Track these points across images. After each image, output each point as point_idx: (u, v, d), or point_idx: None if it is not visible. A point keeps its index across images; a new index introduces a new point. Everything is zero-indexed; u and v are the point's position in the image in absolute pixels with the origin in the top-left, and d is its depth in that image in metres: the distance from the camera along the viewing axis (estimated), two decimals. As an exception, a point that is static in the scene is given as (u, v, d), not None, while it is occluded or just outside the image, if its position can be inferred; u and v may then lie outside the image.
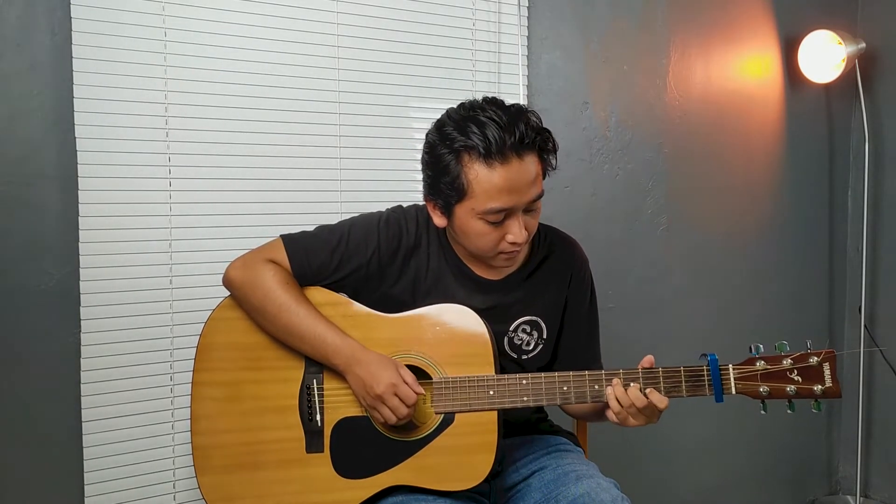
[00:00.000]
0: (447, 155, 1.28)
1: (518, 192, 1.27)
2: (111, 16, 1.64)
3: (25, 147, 1.58)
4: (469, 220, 1.30)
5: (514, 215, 1.29)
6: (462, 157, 1.27)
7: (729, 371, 1.31)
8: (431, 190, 1.34)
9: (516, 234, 1.30)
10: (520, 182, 1.27)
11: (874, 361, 2.69)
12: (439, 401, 1.34)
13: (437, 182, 1.31)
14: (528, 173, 1.27)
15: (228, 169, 1.79)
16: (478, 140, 1.25)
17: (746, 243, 2.60)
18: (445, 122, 1.32)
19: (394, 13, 1.96)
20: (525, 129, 1.26)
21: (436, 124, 1.34)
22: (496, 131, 1.25)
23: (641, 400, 1.28)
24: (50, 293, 1.61)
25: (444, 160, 1.28)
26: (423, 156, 1.35)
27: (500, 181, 1.26)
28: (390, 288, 1.41)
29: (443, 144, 1.29)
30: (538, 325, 1.46)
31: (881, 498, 2.74)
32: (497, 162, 1.25)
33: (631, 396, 1.29)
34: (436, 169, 1.30)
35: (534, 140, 1.27)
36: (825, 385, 1.28)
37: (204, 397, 1.39)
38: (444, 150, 1.29)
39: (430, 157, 1.32)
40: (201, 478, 1.37)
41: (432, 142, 1.32)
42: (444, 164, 1.28)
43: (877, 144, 2.67)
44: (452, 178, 1.28)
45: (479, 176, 1.26)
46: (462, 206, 1.29)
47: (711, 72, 2.47)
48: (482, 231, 1.30)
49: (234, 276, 1.39)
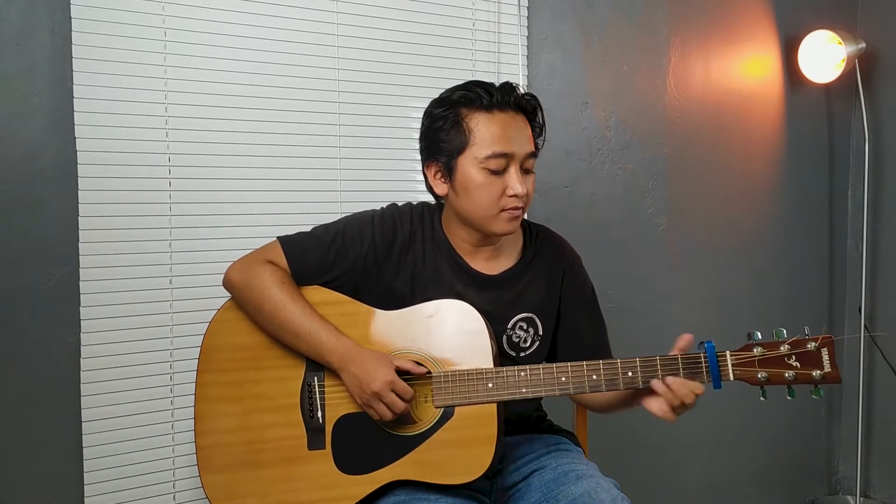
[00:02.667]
0: (446, 111, 1.37)
1: (516, 141, 1.35)
2: (111, 16, 1.64)
3: (25, 147, 1.58)
4: (471, 171, 1.35)
5: (513, 165, 1.35)
6: (461, 111, 1.36)
7: (726, 357, 1.30)
8: (431, 153, 1.40)
9: (516, 186, 1.34)
10: (518, 132, 1.36)
11: (874, 361, 2.69)
12: (439, 395, 1.34)
13: (437, 142, 1.38)
14: (524, 126, 1.38)
15: (228, 169, 1.79)
16: (480, 91, 1.35)
17: (746, 243, 2.60)
18: (440, 95, 1.41)
19: (394, 13, 1.96)
20: (521, 94, 1.38)
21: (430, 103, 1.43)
22: (494, 87, 1.37)
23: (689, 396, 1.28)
24: (50, 293, 1.62)
25: (442, 117, 1.37)
26: (422, 127, 1.43)
27: (500, 127, 1.34)
28: (389, 283, 1.42)
29: (440, 106, 1.38)
30: (533, 321, 1.46)
31: (881, 498, 2.74)
32: (497, 110, 1.35)
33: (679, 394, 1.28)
34: (434, 129, 1.39)
35: (529, 104, 1.38)
36: (824, 370, 1.27)
37: (208, 397, 1.40)
38: (441, 109, 1.37)
39: (428, 122, 1.41)
40: (205, 477, 1.38)
41: (429, 110, 1.41)
42: (443, 120, 1.37)
43: (877, 144, 2.67)
44: (453, 132, 1.35)
45: (480, 123, 1.34)
46: (464, 156, 1.35)
47: (711, 72, 2.47)
48: (484, 182, 1.34)
49: (232, 278, 1.40)
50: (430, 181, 1.42)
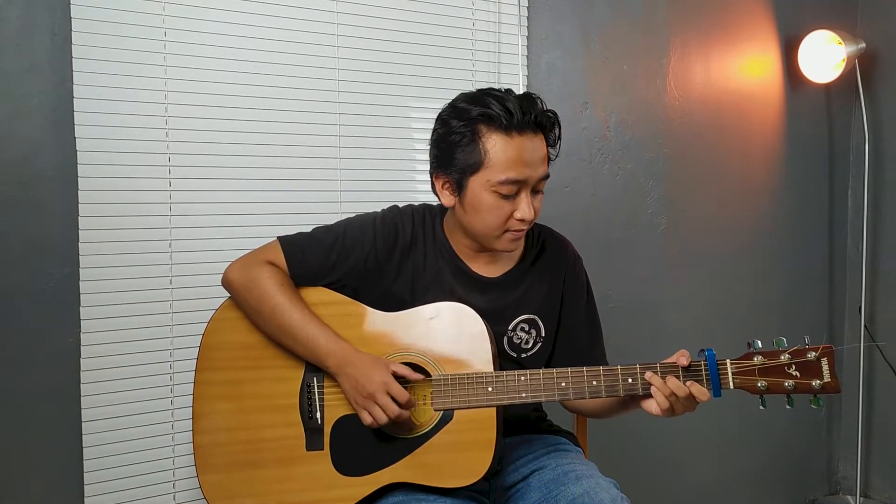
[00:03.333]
0: (463, 127, 1.32)
1: (531, 166, 1.32)
2: (111, 16, 1.64)
3: (25, 147, 1.58)
4: (482, 193, 1.32)
5: (524, 190, 1.33)
6: (479, 128, 1.31)
7: (727, 366, 1.30)
8: (443, 165, 1.36)
9: (525, 210, 1.32)
10: (534, 156, 1.32)
11: (874, 361, 2.69)
12: (438, 398, 1.34)
13: (450, 156, 1.34)
14: (541, 149, 1.33)
15: (228, 169, 1.79)
16: (498, 110, 1.29)
17: (746, 243, 2.60)
18: (458, 100, 1.37)
19: (394, 13, 1.96)
20: (541, 110, 1.33)
21: (449, 104, 1.38)
22: (516, 105, 1.30)
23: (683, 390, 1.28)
24: (50, 293, 1.61)
25: (459, 132, 1.32)
26: (435, 133, 1.38)
27: (516, 152, 1.30)
28: (390, 286, 1.41)
29: (458, 118, 1.33)
30: (536, 323, 1.46)
31: (881, 498, 2.74)
32: (516, 132, 1.30)
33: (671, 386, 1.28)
34: (449, 142, 1.34)
35: (549, 121, 1.33)
36: (824, 380, 1.27)
37: (206, 396, 1.40)
38: (459, 123, 1.32)
39: (443, 131, 1.35)
40: (202, 476, 1.37)
41: (446, 118, 1.36)
42: (459, 135, 1.32)
43: (877, 144, 2.67)
44: (469, 149, 1.31)
45: (497, 146, 1.30)
46: (477, 177, 1.32)
47: (711, 72, 2.47)
48: (493, 205, 1.32)
49: (232, 278, 1.40)
50: (438, 191, 1.39)
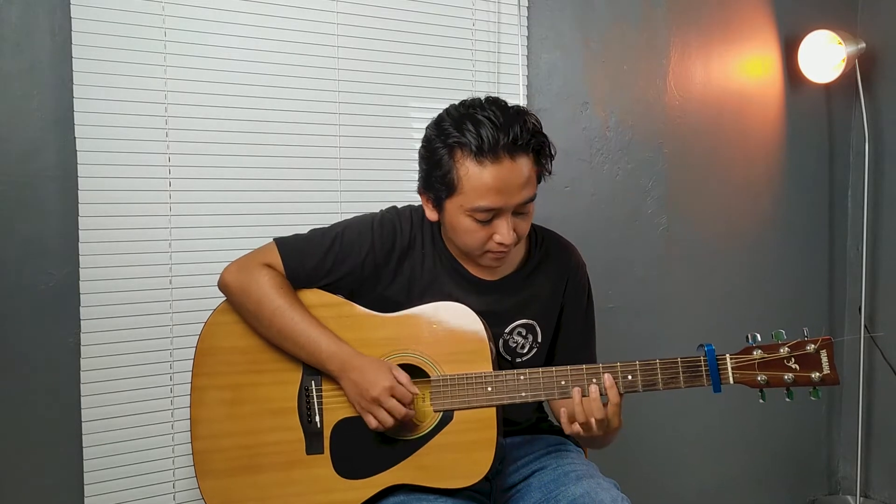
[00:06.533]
0: (441, 149, 1.30)
1: (507, 194, 1.28)
2: (111, 16, 1.64)
3: (25, 147, 1.58)
4: (457, 216, 1.31)
5: (502, 215, 1.30)
6: (455, 153, 1.29)
7: (726, 361, 1.30)
8: (425, 183, 1.36)
9: (503, 234, 1.30)
10: (510, 183, 1.27)
11: (874, 361, 2.69)
12: (437, 399, 1.34)
13: (430, 175, 1.33)
14: (519, 175, 1.28)
15: (228, 169, 1.79)
16: (471, 137, 1.26)
17: (746, 243, 2.60)
18: (444, 117, 1.33)
19: (394, 13, 1.95)
20: (520, 131, 1.26)
21: (435, 119, 1.35)
22: (490, 130, 1.25)
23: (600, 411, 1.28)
24: (50, 293, 1.61)
25: (437, 154, 1.30)
26: (420, 149, 1.37)
27: (489, 180, 1.26)
28: (385, 289, 1.41)
29: (438, 139, 1.31)
30: (533, 328, 1.45)
31: (881, 498, 2.74)
32: (488, 161, 1.26)
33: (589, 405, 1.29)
34: (430, 162, 1.32)
35: (528, 142, 1.28)
36: (823, 372, 1.28)
37: (203, 402, 1.39)
38: (438, 145, 1.30)
39: (425, 151, 1.34)
40: (202, 482, 1.37)
41: (429, 136, 1.34)
42: (437, 157, 1.30)
43: (877, 144, 2.67)
44: (444, 173, 1.29)
45: (470, 173, 1.27)
46: (451, 201, 1.31)
47: (711, 72, 2.47)
48: (469, 228, 1.31)
49: (229, 281, 1.39)
50: (424, 205, 1.40)
